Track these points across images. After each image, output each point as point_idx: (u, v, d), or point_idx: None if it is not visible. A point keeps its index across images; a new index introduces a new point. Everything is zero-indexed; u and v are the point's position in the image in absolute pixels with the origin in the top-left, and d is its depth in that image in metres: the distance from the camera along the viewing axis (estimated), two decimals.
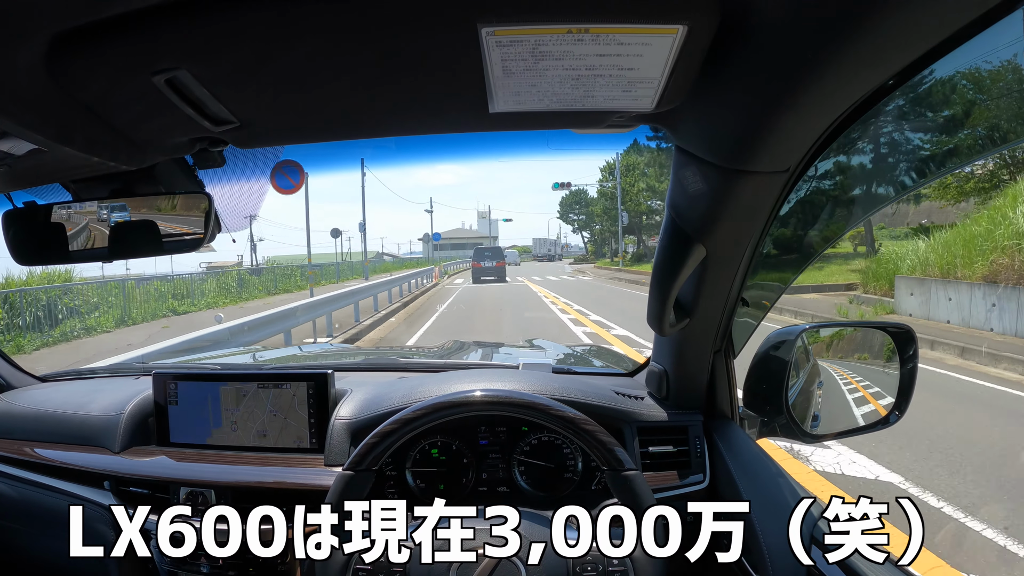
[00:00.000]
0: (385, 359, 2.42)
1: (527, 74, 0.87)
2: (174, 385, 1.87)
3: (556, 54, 0.83)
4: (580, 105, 0.96)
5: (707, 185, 1.12)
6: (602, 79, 0.89)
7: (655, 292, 1.39)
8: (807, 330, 1.77)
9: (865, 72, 0.83)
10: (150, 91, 0.88)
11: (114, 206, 1.39)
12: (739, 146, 1.03)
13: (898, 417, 1.69)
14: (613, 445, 1.30)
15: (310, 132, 1.17)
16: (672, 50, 0.82)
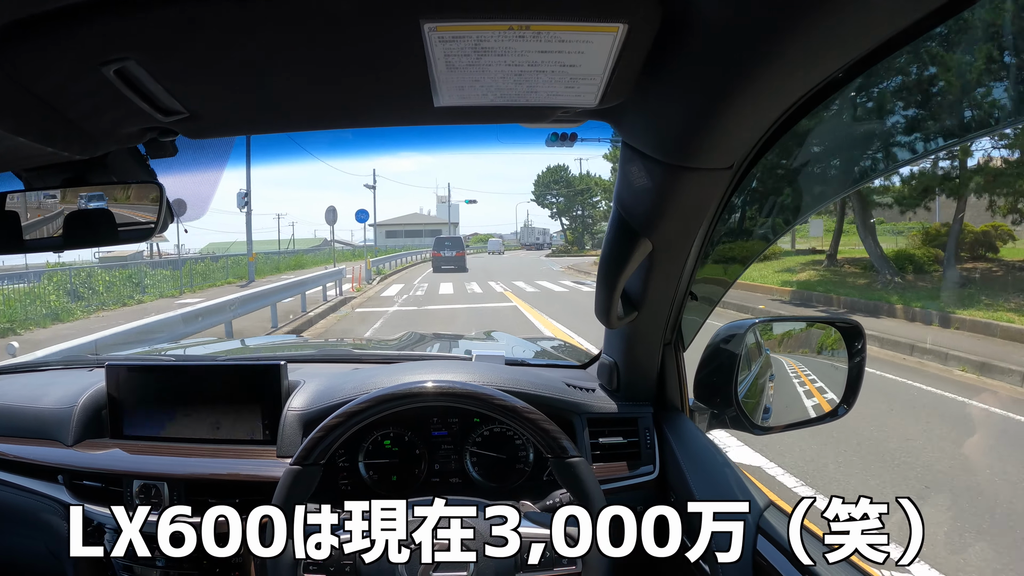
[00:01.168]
0: (339, 350, 2.42)
1: (470, 69, 0.88)
2: (128, 377, 1.85)
3: (498, 50, 0.84)
4: (524, 100, 0.97)
5: (652, 181, 1.14)
6: (544, 75, 0.90)
7: (602, 285, 1.41)
8: (757, 324, 1.79)
9: (805, 71, 0.85)
10: (100, 81, 0.88)
11: (92, 195, 1.38)
12: (682, 142, 1.04)
13: (846, 410, 1.72)
14: (557, 433, 1.31)
15: (259, 124, 1.18)
16: (613, 48, 0.83)
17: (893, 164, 1.19)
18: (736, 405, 1.70)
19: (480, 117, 1.09)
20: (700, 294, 1.55)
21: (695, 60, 0.86)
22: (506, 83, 0.92)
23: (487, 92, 0.95)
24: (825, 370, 1.84)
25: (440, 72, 0.89)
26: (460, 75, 0.90)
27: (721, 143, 1.03)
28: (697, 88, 0.92)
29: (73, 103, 0.98)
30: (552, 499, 1.42)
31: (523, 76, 0.90)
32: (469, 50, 0.84)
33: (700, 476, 1.52)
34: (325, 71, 0.94)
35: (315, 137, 1.63)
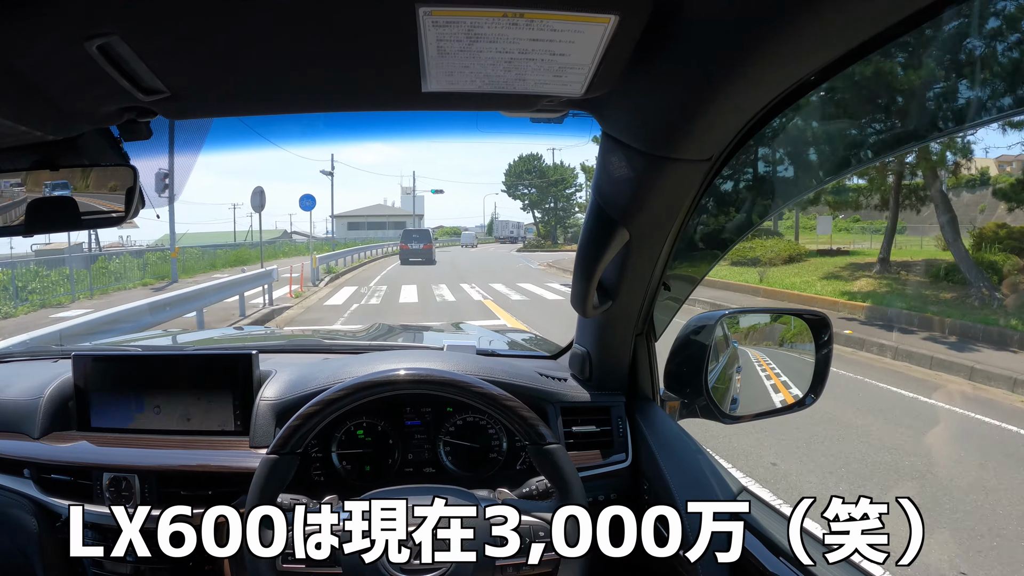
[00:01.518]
0: (310, 340, 2.41)
1: (461, 55, 0.89)
2: (95, 368, 1.81)
3: (491, 37, 0.85)
4: (511, 88, 0.98)
5: (632, 171, 1.15)
6: (534, 63, 0.91)
7: (579, 274, 1.42)
8: (727, 315, 1.82)
9: (790, 67, 0.87)
10: (83, 57, 0.87)
11: (56, 184, 1.35)
12: (665, 134, 1.06)
13: (813, 400, 1.76)
14: (534, 420, 1.32)
15: (242, 105, 1.16)
16: (603, 38, 0.85)
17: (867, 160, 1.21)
18: (706, 395, 1.73)
19: (465, 104, 1.10)
20: (673, 285, 1.57)
21: (682, 53, 0.88)
22: (495, 70, 0.93)
23: (475, 78, 0.95)
24: (791, 363, 1.87)
25: (431, 57, 0.89)
26: (451, 61, 0.90)
27: (702, 135, 1.05)
28: (682, 81, 0.93)
29: (53, 79, 0.96)
30: (528, 487, 1.43)
31: (513, 63, 0.91)
32: (462, 35, 0.84)
33: (673, 464, 1.54)
34: (315, 53, 0.94)
35: (281, 124, 1.59)
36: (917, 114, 1.12)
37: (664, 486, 1.51)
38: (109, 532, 1.63)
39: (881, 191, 18.45)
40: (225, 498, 1.59)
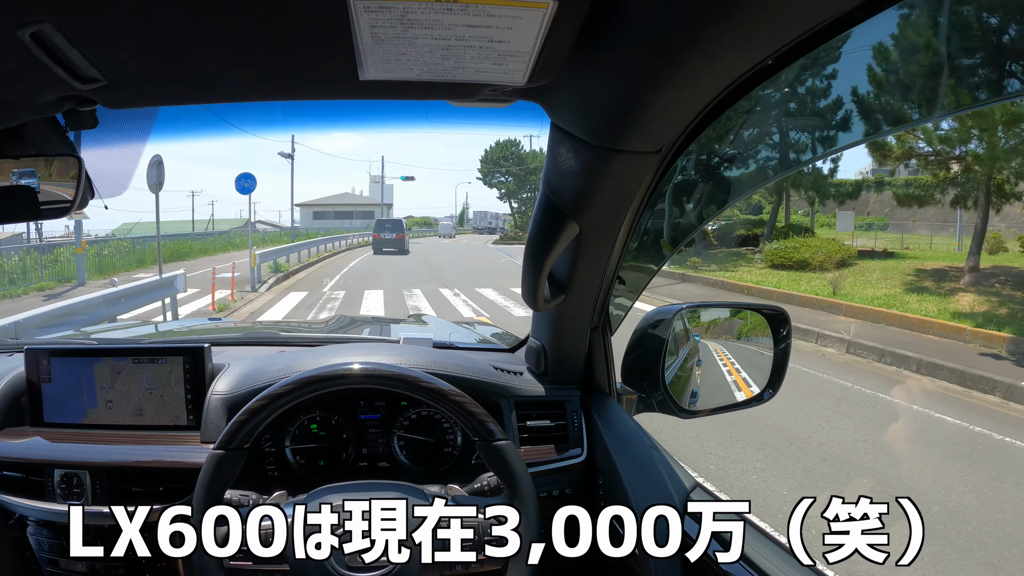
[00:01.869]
0: (266, 333, 2.38)
1: (396, 42, 0.87)
2: (47, 362, 1.78)
3: (425, 23, 0.84)
4: (452, 76, 0.97)
5: (580, 163, 1.15)
6: (472, 50, 0.90)
7: (528, 267, 1.42)
8: (684, 309, 1.82)
9: (734, 56, 0.86)
10: (16, 46, 0.85)
11: (23, 172, 1.32)
12: (611, 124, 1.05)
13: (771, 394, 1.76)
14: (483, 416, 1.31)
15: (179, 94, 1.14)
16: (543, 24, 0.83)
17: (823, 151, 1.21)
18: (663, 389, 1.73)
19: (407, 92, 1.08)
20: (628, 279, 1.57)
21: (625, 41, 0.87)
22: (433, 57, 0.91)
23: (414, 66, 0.94)
24: (750, 357, 1.88)
25: (366, 44, 0.88)
26: (386, 48, 0.89)
27: (649, 126, 1.04)
28: (626, 70, 0.93)
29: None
30: (479, 482, 1.42)
31: (450, 51, 0.90)
32: (396, 21, 0.83)
33: (627, 458, 1.54)
34: (247, 40, 0.92)
35: (241, 111, 1.57)
36: (880, 105, 1.12)
37: (618, 482, 1.50)
38: (62, 530, 1.61)
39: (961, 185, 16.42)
40: (177, 494, 1.58)
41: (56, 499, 1.61)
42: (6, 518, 1.68)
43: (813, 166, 20.65)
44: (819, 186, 23.45)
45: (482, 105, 1.16)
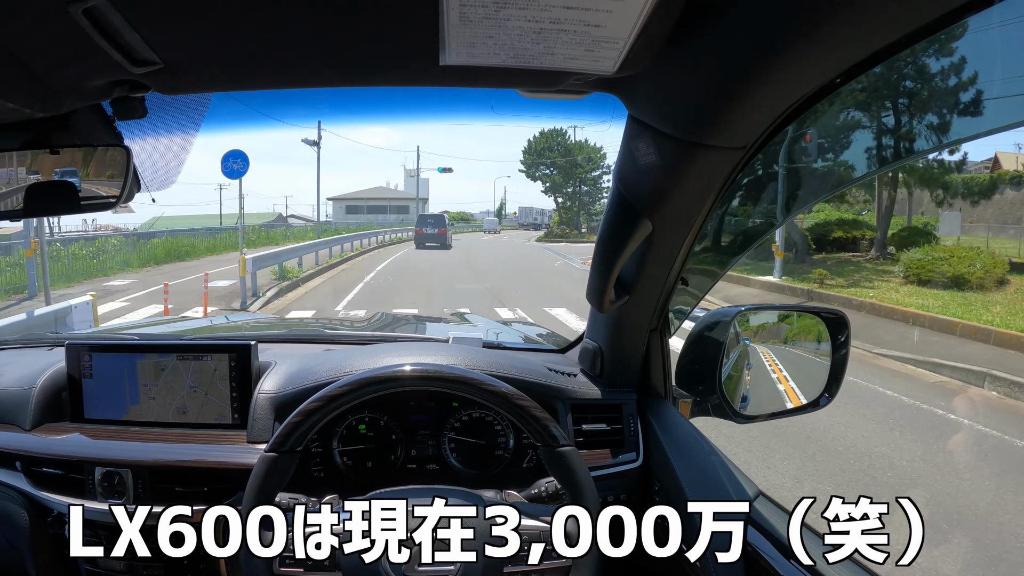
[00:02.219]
0: (311, 331, 2.36)
1: (485, 23, 0.83)
2: (89, 357, 1.76)
3: (520, 3, 0.79)
4: (538, 62, 0.92)
5: (660, 158, 1.11)
6: (566, 35, 0.85)
7: (597, 267, 1.38)
8: (742, 312, 1.78)
9: (838, 52, 0.82)
10: (68, 25, 0.81)
11: (62, 170, 1.32)
12: (699, 118, 1.01)
13: (828, 400, 1.72)
14: (547, 421, 1.28)
15: (240, 79, 1.10)
16: (644, 11, 0.79)
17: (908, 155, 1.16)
18: (720, 393, 1.70)
19: (485, 80, 1.04)
20: (691, 280, 1.53)
21: (724, 33, 0.84)
22: (522, 42, 0.87)
23: (500, 51, 0.89)
24: (803, 362, 1.83)
25: (452, 25, 0.83)
26: (473, 29, 0.84)
27: (739, 121, 1.00)
28: (722, 63, 0.89)
29: (37, 50, 0.91)
30: (538, 487, 1.39)
31: (542, 34, 0.85)
32: (488, 1, 0.78)
33: (686, 464, 1.50)
34: (324, 21, 0.88)
35: (281, 103, 1.53)
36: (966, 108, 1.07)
37: (676, 487, 1.46)
38: (102, 529, 1.59)
39: None
40: (221, 495, 1.55)
41: (97, 497, 1.59)
42: (45, 515, 1.66)
43: (924, 160, 18.51)
44: (938, 181, 19.30)
45: (555, 97, 1.12)
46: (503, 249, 35.87)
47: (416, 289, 16.98)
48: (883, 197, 19.45)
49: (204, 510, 1.47)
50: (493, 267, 23.23)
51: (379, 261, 25.05)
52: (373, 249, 32.00)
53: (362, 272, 20.47)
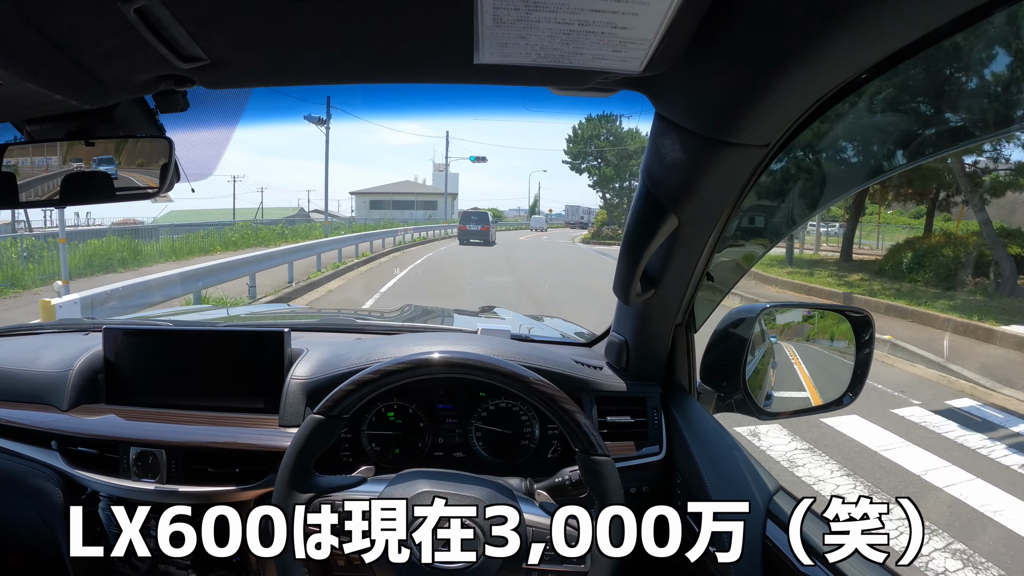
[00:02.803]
0: (341, 320, 2.39)
1: (518, 25, 0.85)
2: (125, 341, 1.81)
3: (550, 6, 0.81)
4: (567, 62, 0.95)
5: (686, 154, 1.12)
6: (594, 36, 0.87)
7: (624, 261, 1.40)
8: (768, 309, 1.79)
9: (863, 49, 0.83)
10: (119, 22, 0.84)
11: (98, 158, 1.35)
12: (724, 116, 1.02)
13: (851, 399, 1.72)
14: (589, 428, 1.29)
15: (283, 75, 1.13)
16: (668, 12, 0.81)
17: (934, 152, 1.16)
18: (743, 389, 1.70)
19: (516, 78, 1.06)
20: (717, 275, 1.54)
21: (749, 32, 0.85)
22: (552, 42, 0.89)
23: (531, 51, 0.92)
24: (826, 361, 1.84)
25: (486, 26, 0.86)
26: (506, 31, 0.87)
27: (763, 120, 1.02)
28: (747, 61, 0.90)
29: (88, 45, 0.94)
30: (562, 476, 1.40)
31: (572, 36, 0.87)
32: (520, 3, 0.81)
33: (708, 458, 1.51)
34: (364, 19, 0.90)
35: (319, 97, 1.57)
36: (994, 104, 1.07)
37: (698, 481, 1.48)
38: (133, 506, 1.64)
39: None
40: (253, 476, 1.60)
41: (131, 476, 1.64)
42: (78, 493, 1.71)
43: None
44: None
45: (584, 94, 1.14)
46: (545, 250, 30.86)
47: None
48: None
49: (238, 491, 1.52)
50: (538, 277, 18.45)
51: (400, 267, 19.56)
52: (388, 254, 24.28)
53: (372, 288, 15.02)
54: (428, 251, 26.87)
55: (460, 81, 1.11)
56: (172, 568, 1.66)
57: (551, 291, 14.55)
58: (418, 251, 26.53)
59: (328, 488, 1.29)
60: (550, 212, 79.97)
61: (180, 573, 1.66)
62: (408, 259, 22.34)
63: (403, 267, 19.36)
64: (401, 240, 29.08)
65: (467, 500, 1.24)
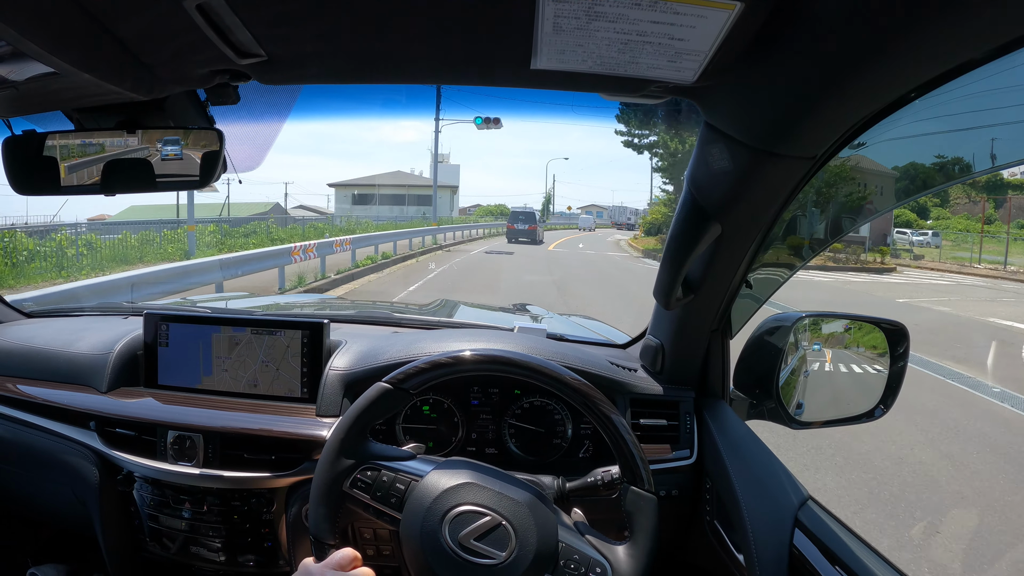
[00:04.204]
0: (379, 312, 2.40)
1: (576, 33, 0.87)
2: (165, 327, 1.85)
3: (610, 16, 0.83)
4: (622, 71, 0.96)
5: (732, 164, 1.12)
6: (650, 46, 0.88)
7: (667, 265, 1.40)
8: (803, 318, 1.78)
9: (914, 68, 0.83)
10: (180, 16, 0.86)
11: (137, 147, 1.37)
12: (772, 128, 1.03)
13: (883, 411, 1.71)
14: (643, 463, 1.28)
15: (339, 74, 1.14)
16: (725, 26, 0.82)
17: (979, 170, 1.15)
18: (776, 397, 1.70)
19: (571, 84, 1.07)
20: (755, 283, 1.54)
21: (801, 47, 0.85)
22: (609, 51, 0.90)
23: (587, 58, 0.93)
24: (859, 372, 1.83)
25: (545, 33, 0.87)
26: (565, 38, 0.88)
27: (812, 132, 1.02)
28: (797, 76, 0.91)
29: (147, 39, 0.96)
30: (594, 476, 1.38)
31: (628, 46, 0.89)
32: (581, 13, 0.82)
33: (739, 464, 1.51)
34: (427, 23, 0.92)
35: (361, 95, 1.55)
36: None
37: (728, 487, 1.48)
38: (168, 488, 1.67)
39: None
40: (288, 464, 1.62)
41: (167, 459, 1.67)
42: (114, 473, 1.74)
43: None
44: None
45: (635, 100, 1.15)
46: (588, 263, 23.91)
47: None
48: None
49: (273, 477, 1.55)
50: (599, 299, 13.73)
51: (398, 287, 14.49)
52: (361, 276, 16.03)
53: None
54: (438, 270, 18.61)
55: (516, 85, 1.11)
56: (203, 550, 1.69)
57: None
58: (419, 271, 18.02)
59: (378, 455, 1.29)
60: (568, 210, 77.56)
61: (210, 555, 1.69)
62: (414, 276, 16.52)
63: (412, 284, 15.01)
64: (372, 258, 18.69)
65: (510, 502, 1.23)
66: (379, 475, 1.26)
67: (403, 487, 1.24)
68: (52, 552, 2.20)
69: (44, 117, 1.39)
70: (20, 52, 0.93)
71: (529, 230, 35.31)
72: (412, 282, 15.03)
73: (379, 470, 1.27)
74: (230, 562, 1.69)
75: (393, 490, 1.24)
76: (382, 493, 1.24)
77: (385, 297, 12.74)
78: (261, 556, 1.69)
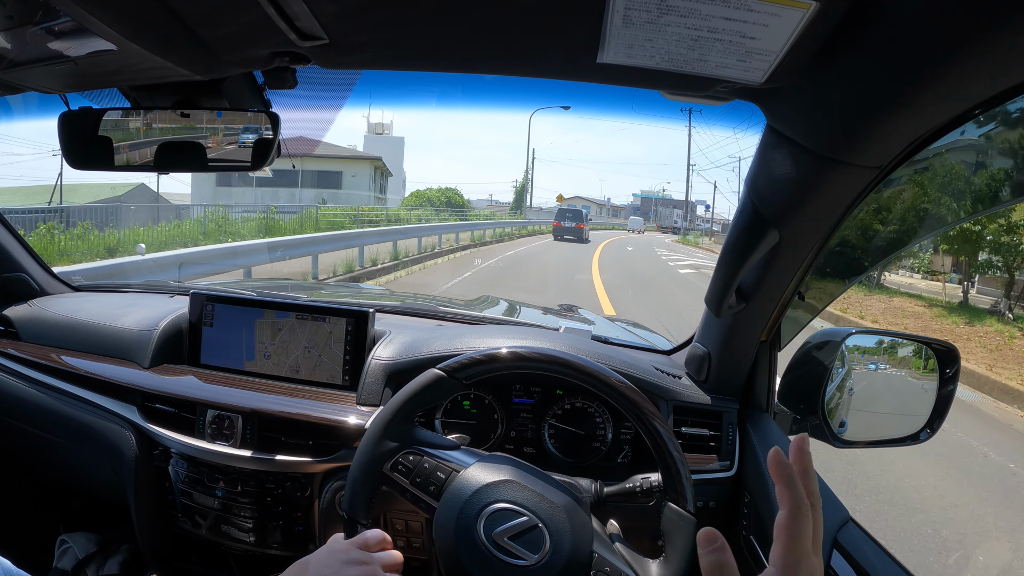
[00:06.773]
0: (423, 305, 2.40)
1: (647, 27, 0.85)
2: (211, 307, 1.87)
3: (682, 10, 0.81)
4: (690, 68, 0.94)
5: (796, 170, 1.10)
6: (721, 44, 0.86)
7: (721, 272, 1.38)
8: (852, 334, 1.75)
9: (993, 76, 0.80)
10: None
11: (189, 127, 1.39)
12: (838, 134, 1.00)
13: (929, 435, 1.67)
14: (688, 483, 1.26)
15: (402, 60, 1.12)
16: (799, 26, 0.80)
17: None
18: (821, 414, 1.66)
19: (635, 80, 1.04)
20: (808, 296, 1.51)
21: (876, 52, 0.83)
22: (679, 47, 0.88)
23: (655, 54, 0.91)
24: (904, 393, 1.79)
25: (615, 26, 0.85)
26: (634, 32, 0.86)
27: (878, 141, 0.99)
28: (869, 80, 0.88)
29: (209, 17, 0.95)
30: (632, 482, 1.38)
31: (699, 42, 0.86)
32: (652, 6, 0.80)
33: None
34: (496, 12, 0.90)
35: (420, 83, 1.54)
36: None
37: (767, 502, 1.45)
38: (203, 466, 1.69)
39: None
40: (326, 450, 1.62)
41: (205, 437, 1.68)
42: (152, 448, 1.76)
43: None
44: None
45: (697, 101, 1.13)
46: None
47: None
48: None
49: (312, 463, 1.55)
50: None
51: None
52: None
53: None
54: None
55: (579, 79, 1.10)
56: (233, 530, 1.70)
57: None
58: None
59: (422, 441, 1.29)
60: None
61: (240, 535, 1.70)
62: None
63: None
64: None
65: (548, 505, 1.21)
66: (421, 461, 1.26)
67: (444, 476, 1.24)
68: (83, 521, 2.24)
69: (100, 94, 1.41)
70: (81, 27, 0.93)
71: (576, 228, 35.26)
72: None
73: (422, 456, 1.27)
74: (259, 543, 1.70)
75: (433, 478, 1.24)
76: (422, 479, 1.24)
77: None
78: (291, 540, 1.69)
